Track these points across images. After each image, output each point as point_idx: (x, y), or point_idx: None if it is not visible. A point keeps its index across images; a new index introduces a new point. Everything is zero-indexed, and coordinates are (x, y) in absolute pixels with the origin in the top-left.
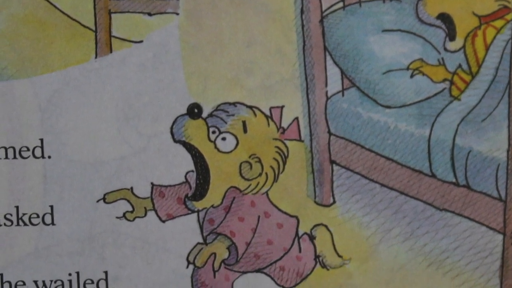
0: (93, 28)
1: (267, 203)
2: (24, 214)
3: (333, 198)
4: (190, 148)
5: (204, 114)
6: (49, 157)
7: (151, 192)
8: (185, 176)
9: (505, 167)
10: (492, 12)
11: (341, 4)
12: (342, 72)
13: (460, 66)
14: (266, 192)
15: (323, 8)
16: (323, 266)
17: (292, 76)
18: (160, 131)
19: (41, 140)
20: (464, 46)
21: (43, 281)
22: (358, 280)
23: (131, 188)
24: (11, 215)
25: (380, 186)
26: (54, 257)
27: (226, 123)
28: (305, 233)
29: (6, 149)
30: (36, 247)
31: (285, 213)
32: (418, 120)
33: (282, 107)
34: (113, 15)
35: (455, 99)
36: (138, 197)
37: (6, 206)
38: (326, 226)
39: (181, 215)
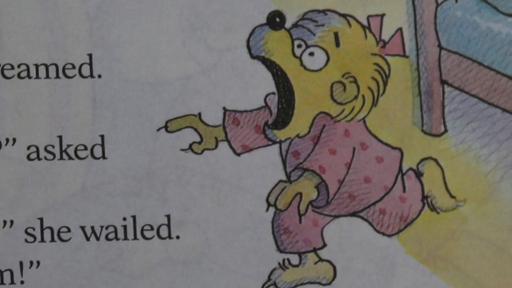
0: None
1: (364, 132)
2: (68, 146)
3: (445, 126)
4: (270, 65)
5: (288, 24)
6: (99, 76)
7: (223, 119)
8: (265, 100)
9: None
10: None
11: None
12: None
13: None
14: (363, 119)
15: None
16: (433, 208)
17: None
18: (234, 44)
19: (90, 55)
20: None
21: (92, 227)
22: (475, 226)
23: (199, 114)
24: (53, 146)
25: (501, 112)
26: (105, 198)
27: (314, 35)
28: (411, 168)
29: (47, 66)
30: (83, 185)
31: (386, 144)
32: None
33: (382, 15)
34: None
35: None
36: (207, 125)
37: (48, 136)
38: (436, 160)
39: (259, 147)
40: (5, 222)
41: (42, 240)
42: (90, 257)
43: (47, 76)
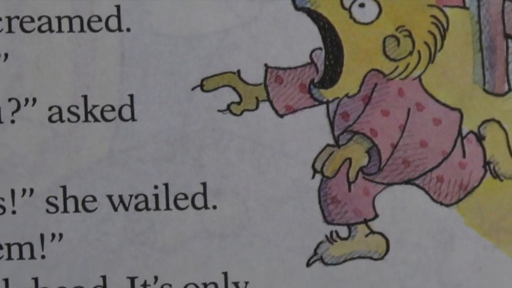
0: None
1: (420, 91)
2: (94, 107)
3: (509, 84)
4: (317, 17)
5: None
6: (128, 29)
7: (265, 77)
8: (310, 56)
9: None
10: None
11: None
12: None
13: None
14: (419, 77)
15: None
16: (495, 175)
17: None
18: None
19: (118, 6)
20: None
21: (120, 196)
22: None
23: (238, 72)
24: (77, 107)
25: None
26: (134, 164)
27: None
28: (471, 131)
29: (70, 19)
30: (111, 150)
31: (444, 104)
32: None
33: None
34: None
35: None
36: (247, 84)
37: (71, 96)
38: (499, 122)
39: (304, 108)
40: (24, 190)
41: (65, 210)
42: (118, 229)
43: (71, 30)
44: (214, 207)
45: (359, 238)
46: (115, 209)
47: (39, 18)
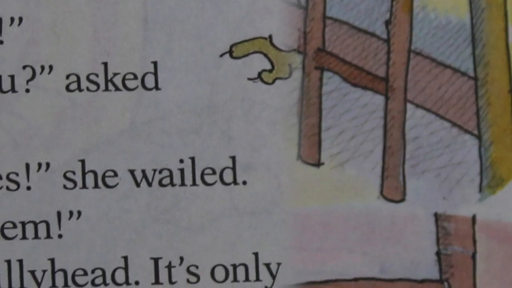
0: None
1: None
2: (115, 74)
3: None
4: None
5: None
6: None
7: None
8: None
9: None
10: None
11: None
12: None
13: None
14: None
15: None
16: None
17: None
18: None
19: None
20: None
21: (143, 171)
22: None
23: (270, 37)
24: (96, 75)
25: None
26: (158, 136)
27: None
28: None
29: None
30: (133, 121)
31: None
32: None
33: None
34: None
35: None
36: (280, 50)
37: (90, 63)
38: None
39: None
40: (40, 164)
41: (84, 186)
42: (141, 206)
43: None
44: (244, 182)
45: None
46: (138, 184)
47: None
